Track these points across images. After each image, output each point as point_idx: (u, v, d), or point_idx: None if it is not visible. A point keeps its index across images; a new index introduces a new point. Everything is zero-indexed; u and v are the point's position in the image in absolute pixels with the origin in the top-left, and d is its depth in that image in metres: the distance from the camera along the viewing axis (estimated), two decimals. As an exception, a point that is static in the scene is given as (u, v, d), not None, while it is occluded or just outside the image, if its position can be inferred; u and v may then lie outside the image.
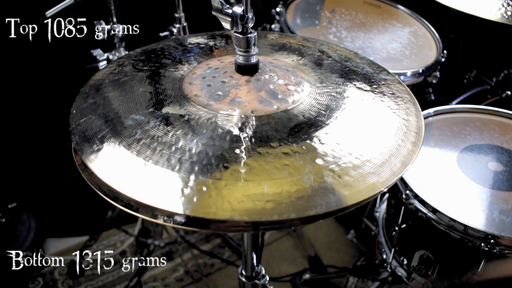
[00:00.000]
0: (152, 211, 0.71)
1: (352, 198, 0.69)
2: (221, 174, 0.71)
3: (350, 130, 0.83)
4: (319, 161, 0.75)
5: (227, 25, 0.87)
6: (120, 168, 0.73)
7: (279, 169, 0.72)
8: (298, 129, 0.81)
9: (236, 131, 0.79)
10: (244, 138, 0.78)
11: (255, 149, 0.76)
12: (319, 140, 0.79)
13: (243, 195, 0.68)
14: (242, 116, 0.83)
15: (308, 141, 0.78)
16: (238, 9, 0.84)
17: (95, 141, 0.78)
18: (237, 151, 0.75)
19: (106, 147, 0.77)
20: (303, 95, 0.90)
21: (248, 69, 0.91)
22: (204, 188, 0.69)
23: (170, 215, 0.70)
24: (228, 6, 0.85)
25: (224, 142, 0.77)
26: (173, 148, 0.76)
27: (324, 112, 0.86)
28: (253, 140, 0.78)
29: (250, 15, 0.84)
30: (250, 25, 0.86)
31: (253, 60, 0.91)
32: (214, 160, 0.73)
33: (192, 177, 0.71)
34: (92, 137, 0.79)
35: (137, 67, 0.99)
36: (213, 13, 0.87)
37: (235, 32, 0.87)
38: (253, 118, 0.83)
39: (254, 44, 0.89)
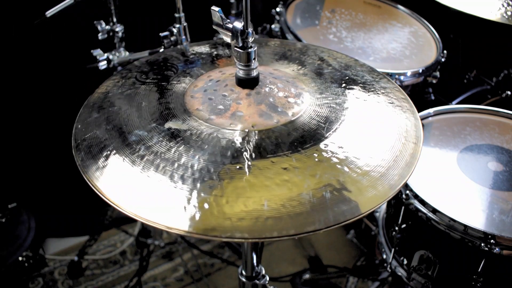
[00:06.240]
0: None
1: (351, 213, 0.70)
2: (222, 191, 0.72)
3: (348, 143, 0.82)
4: (318, 176, 0.75)
5: (227, 39, 0.87)
6: (124, 185, 0.74)
7: (279, 185, 0.73)
8: (297, 143, 0.81)
9: (237, 146, 0.80)
10: (245, 153, 0.78)
11: (256, 165, 0.76)
12: (318, 154, 0.79)
13: (243, 211, 0.69)
14: (243, 130, 0.83)
15: (307, 156, 0.78)
16: (239, 24, 0.84)
17: (99, 157, 0.79)
18: (238, 167, 0.76)
19: (110, 164, 0.77)
20: (303, 107, 0.90)
21: (248, 83, 0.91)
22: (206, 205, 0.70)
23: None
24: (228, 21, 0.85)
25: (225, 158, 0.77)
26: (176, 164, 0.76)
27: (323, 125, 0.86)
28: (253, 155, 0.78)
29: (250, 30, 0.84)
30: (251, 40, 0.85)
31: (254, 73, 0.90)
32: (216, 177, 0.74)
33: (194, 194, 0.71)
34: (96, 154, 0.79)
35: (140, 79, 0.99)
36: (214, 27, 0.87)
37: (235, 46, 0.87)
38: (254, 132, 0.83)
39: (254, 58, 0.88)
